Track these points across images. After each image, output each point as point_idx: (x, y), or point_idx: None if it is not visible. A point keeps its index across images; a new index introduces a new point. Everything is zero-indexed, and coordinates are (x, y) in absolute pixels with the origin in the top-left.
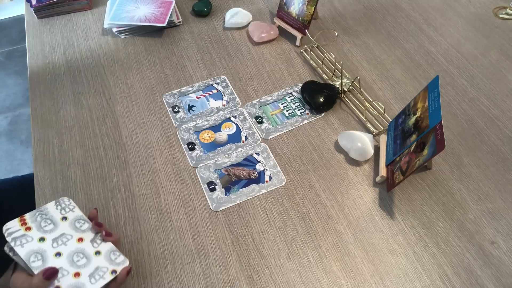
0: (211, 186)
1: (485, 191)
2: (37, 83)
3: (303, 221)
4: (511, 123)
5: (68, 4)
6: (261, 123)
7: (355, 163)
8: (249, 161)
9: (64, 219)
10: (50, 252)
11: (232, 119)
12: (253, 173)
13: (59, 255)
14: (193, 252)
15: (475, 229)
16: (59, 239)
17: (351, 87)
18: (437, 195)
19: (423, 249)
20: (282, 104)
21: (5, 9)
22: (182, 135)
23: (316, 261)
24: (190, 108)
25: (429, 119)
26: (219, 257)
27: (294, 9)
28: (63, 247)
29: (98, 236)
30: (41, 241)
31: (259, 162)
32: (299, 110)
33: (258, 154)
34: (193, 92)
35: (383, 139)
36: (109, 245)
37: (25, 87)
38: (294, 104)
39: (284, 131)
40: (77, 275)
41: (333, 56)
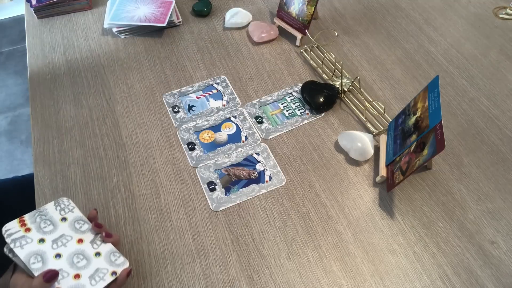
0: (211, 186)
1: (485, 191)
2: (37, 83)
3: (303, 221)
4: (511, 123)
5: (68, 4)
6: (261, 123)
7: (355, 163)
8: (249, 161)
9: (63, 220)
10: (50, 253)
11: (232, 119)
12: (253, 173)
13: (59, 256)
14: (193, 252)
15: (475, 229)
16: (59, 240)
17: (351, 87)
18: (437, 195)
19: (423, 249)
20: (282, 104)
21: (5, 9)
22: (182, 135)
23: (316, 261)
24: (190, 108)
25: (429, 119)
26: (219, 257)
27: (294, 9)
28: (63, 248)
29: (98, 237)
30: (41, 243)
31: (259, 162)
32: (299, 110)
33: (258, 154)
34: (193, 92)
35: (383, 139)
36: (109, 246)
37: (25, 87)
38: (294, 104)
39: (284, 131)
40: (77, 276)
41: (333, 56)
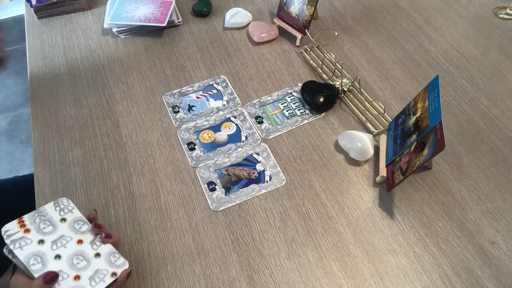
0: (211, 186)
1: (485, 191)
2: (37, 83)
3: (303, 221)
4: (511, 123)
5: (68, 4)
6: (261, 123)
7: (355, 163)
8: (249, 161)
9: (63, 220)
10: (50, 254)
11: (232, 119)
12: (253, 173)
13: (58, 257)
14: (193, 252)
15: (475, 229)
16: (59, 241)
17: (351, 87)
18: (437, 195)
19: (423, 249)
20: (282, 104)
21: (5, 9)
22: (182, 135)
23: (316, 261)
24: (190, 108)
25: (429, 119)
26: (219, 257)
27: (294, 9)
28: (62, 249)
29: (97, 237)
30: (40, 244)
31: (259, 162)
32: (299, 110)
33: (258, 154)
34: (193, 92)
35: (383, 139)
36: (109, 247)
37: (25, 87)
38: (294, 104)
39: (284, 131)
40: (77, 278)
41: (333, 56)
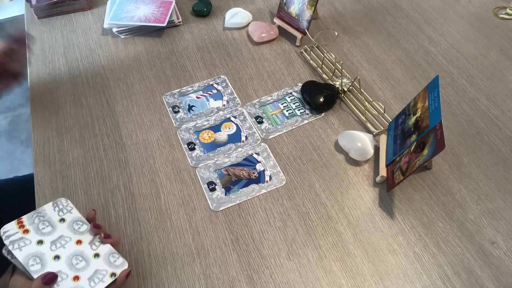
0: (211, 186)
1: (485, 191)
2: (37, 83)
3: (303, 221)
4: (511, 123)
5: (68, 4)
6: (261, 123)
7: (355, 163)
8: (249, 161)
9: (62, 220)
10: (49, 255)
11: (232, 119)
12: (253, 173)
13: (57, 258)
14: (193, 252)
15: (475, 229)
16: (58, 241)
17: (351, 87)
18: (437, 195)
19: (423, 249)
20: (282, 104)
21: (5, 9)
22: (182, 135)
23: (316, 261)
24: (190, 108)
25: (429, 119)
26: (219, 257)
27: (294, 9)
28: (61, 250)
29: (96, 238)
30: (39, 244)
31: (259, 162)
32: (299, 110)
33: (258, 154)
34: (193, 92)
35: (383, 139)
36: (108, 247)
37: (25, 87)
38: (294, 104)
39: (284, 131)
40: (76, 278)
41: (333, 56)
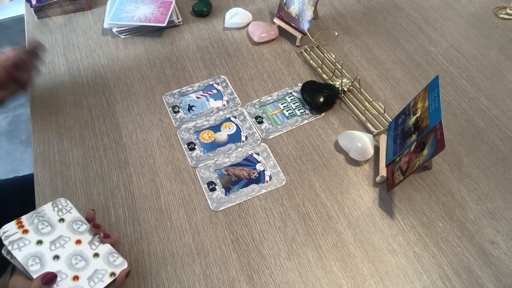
0: (211, 186)
1: (485, 191)
2: (37, 83)
3: (303, 221)
4: (511, 123)
5: (68, 4)
6: (261, 123)
7: (355, 163)
8: (249, 161)
9: (61, 220)
10: (48, 255)
11: (232, 119)
12: (253, 173)
13: (57, 258)
14: (193, 252)
15: (475, 229)
16: (57, 241)
17: (351, 87)
18: (437, 195)
19: (423, 249)
20: (282, 104)
21: (5, 9)
22: (182, 135)
23: (316, 261)
24: (190, 108)
25: (429, 119)
26: (219, 257)
27: (294, 9)
28: (61, 250)
29: (96, 237)
30: (39, 244)
31: (259, 162)
32: (299, 110)
33: (258, 154)
34: (193, 92)
35: (383, 139)
36: (108, 247)
37: None
38: (294, 104)
39: (284, 131)
40: (75, 278)
41: (333, 56)
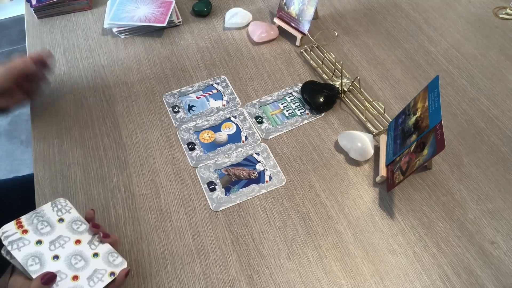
0: (211, 186)
1: (485, 191)
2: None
3: (303, 221)
4: (511, 123)
5: (68, 4)
6: (261, 123)
7: (355, 163)
8: (249, 161)
9: (60, 220)
10: (48, 255)
11: (232, 119)
12: (253, 173)
13: (56, 258)
14: (193, 252)
15: (475, 229)
16: (56, 241)
17: (351, 87)
18: (437, 195)
19: (423, 249)
20: (282, 104)
21: (5, 9)
22: (182, 135)
23: (316, 261)
24: (190, 108)
25: (429, 119)
26: (219, 257)
27: (294, 9)
28: (60, 249)
29: (95, 237)
30: (38, 244)
31: (259, 162)
32: (299, 110)
33: (258, 154)
34: (193, 92)
35: (383, 139)
36: (107, 246)
37: None
38: (294, 104)
39: (284, 131)
40: (75, 278)
41: (333, 56)
